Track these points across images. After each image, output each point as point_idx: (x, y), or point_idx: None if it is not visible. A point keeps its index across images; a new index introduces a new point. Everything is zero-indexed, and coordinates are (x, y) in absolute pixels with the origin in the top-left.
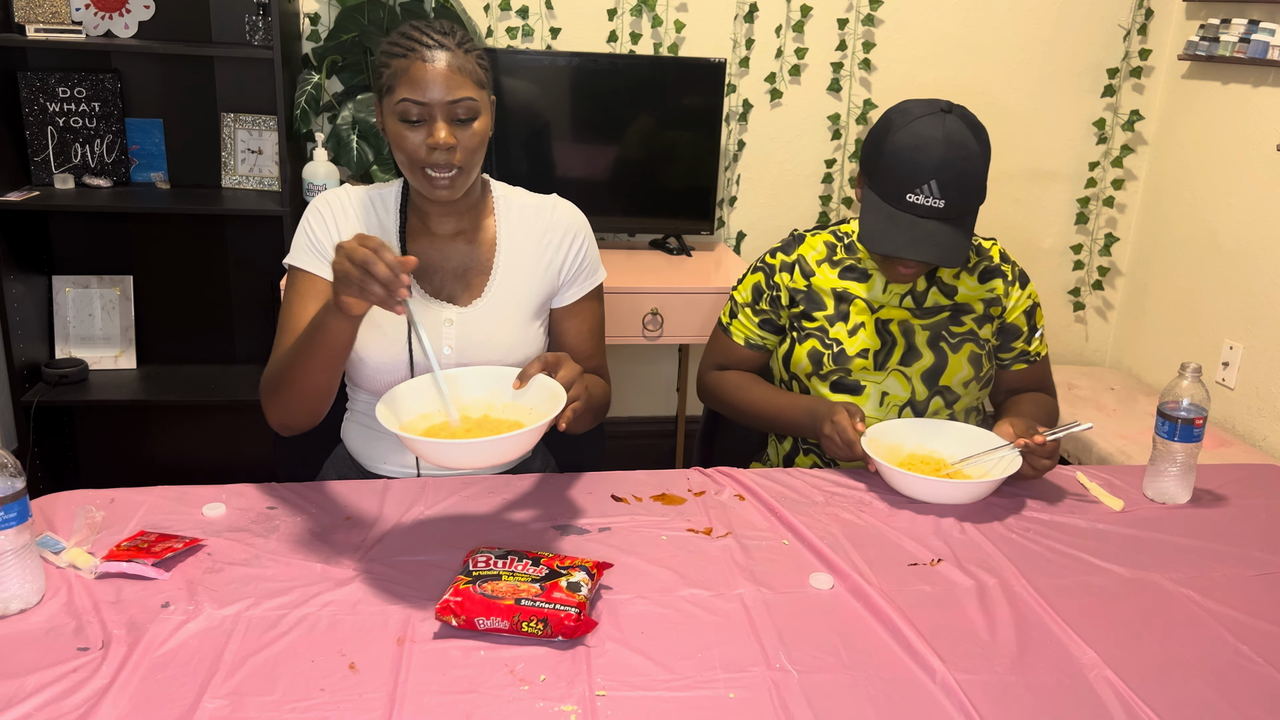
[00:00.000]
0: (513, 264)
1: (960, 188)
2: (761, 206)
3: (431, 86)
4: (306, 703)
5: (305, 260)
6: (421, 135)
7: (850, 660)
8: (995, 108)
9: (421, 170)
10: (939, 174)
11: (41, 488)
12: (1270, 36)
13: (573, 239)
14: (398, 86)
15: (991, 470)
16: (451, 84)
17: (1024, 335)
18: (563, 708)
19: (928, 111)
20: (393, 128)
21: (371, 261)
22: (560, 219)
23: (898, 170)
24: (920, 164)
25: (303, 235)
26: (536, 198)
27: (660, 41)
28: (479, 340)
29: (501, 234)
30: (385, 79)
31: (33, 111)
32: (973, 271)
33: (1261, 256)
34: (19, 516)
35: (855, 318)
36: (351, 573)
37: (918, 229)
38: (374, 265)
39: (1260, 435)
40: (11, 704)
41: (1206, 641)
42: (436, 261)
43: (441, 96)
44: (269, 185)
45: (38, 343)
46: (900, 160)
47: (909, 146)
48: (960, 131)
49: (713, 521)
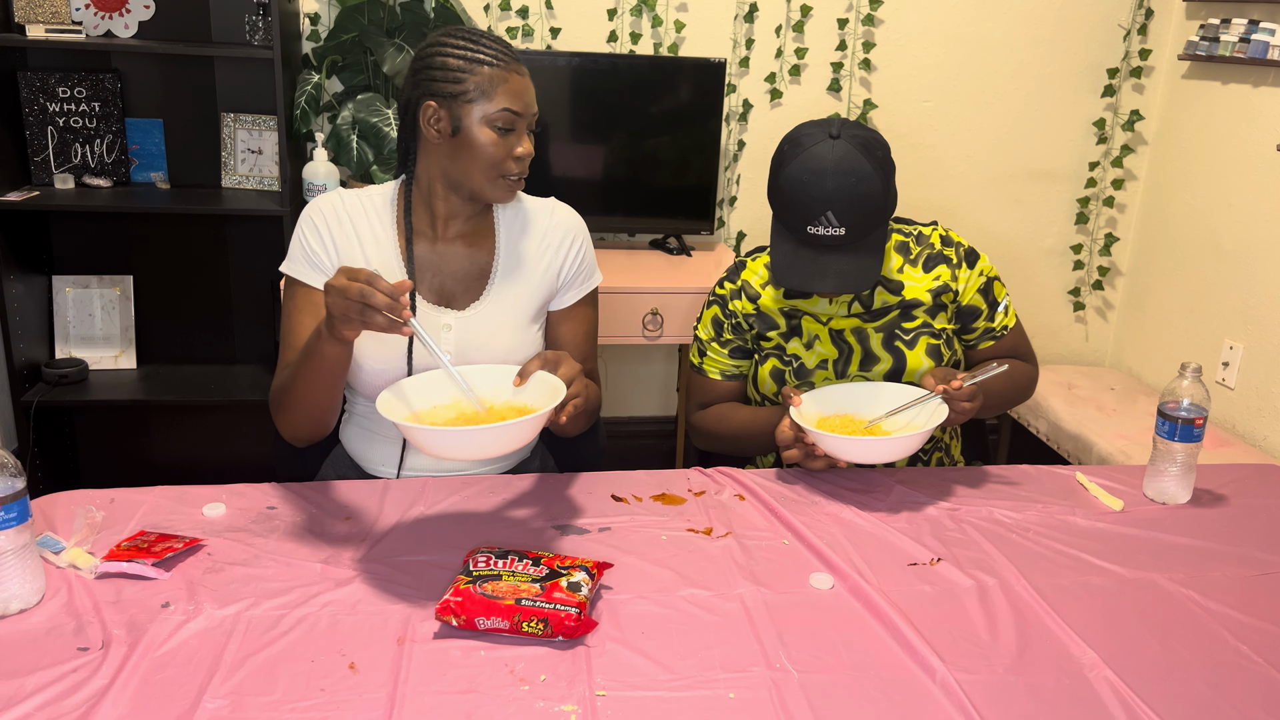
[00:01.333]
0: (512, 268)
1: (857, 212)
2: (761, 206)
3: (528, 100)
4: (306, 703)
5: (300, 271)
6: (510, 144)
7: (850, 660)
8: (995, 108)
9: (500, 176)
10: (832, 203)
11: (41, 488)
12: (1270, 36)
13: (571, 242)
14: (496, 95)
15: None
16: (535, 98)
17: (984, 313)
18: (563, 708)
19: (817, 140)
20: (479, 133)
21: (368, 294)
22: (559, 222)
23: (794, 204)
24: (813, 197)
25: (297, 245)
26: (536, 201)
27: (660, 41)
28: (477, 345)
29: (501, 238)
30: (471, 85)
31: (33, 111)
32: (915, 262)
33: (1261, 256)
34: (19, 516)
35: (809, 331)
36: (351, 573)
37: (820, 262)
38: (371, 297)
39: (1260, 435)
40: (11, 704)
41: (1206, 641)
42: (436, 265)
43: (532, 110)
44: (269, 185)
45: (38, 343)
46: (796, 194)
47: (800, 180)
48: (849, 156)
49: (713, 521)
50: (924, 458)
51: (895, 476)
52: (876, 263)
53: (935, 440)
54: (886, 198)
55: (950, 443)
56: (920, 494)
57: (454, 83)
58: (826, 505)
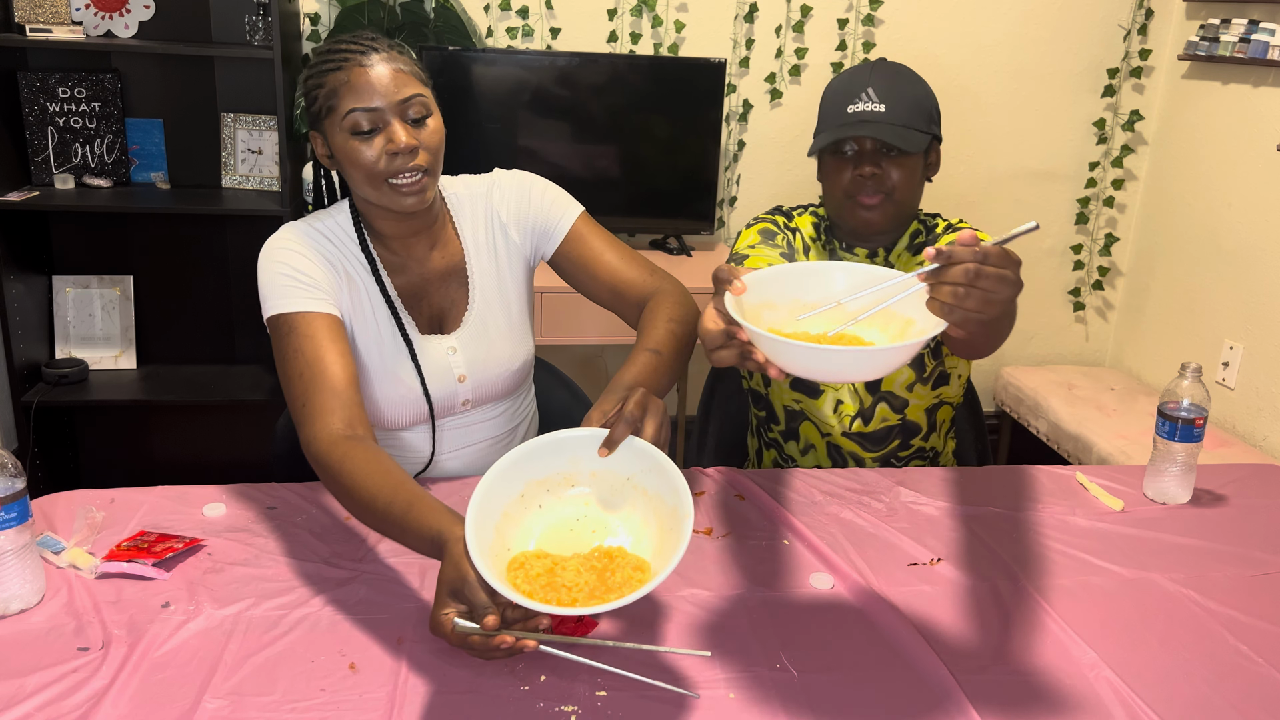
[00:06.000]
0: (482, 264)
1: (899, 94)
2: (761, 207)
3: (378, 89)
4: (306, 703)
5: (301, 302)
6: (379, 144)
7: (850, 660)
8: (995, 108)
9: (385, 182)
10: (873, 81)
11: (41, 488)
12: (1270, 36)
13: (519, 195)
14: (340, 100)
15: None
16: (398, 82)
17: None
18: (563, 708)
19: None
20: (344, 146)
21: (490, 650)
22: (503, 194)
23: (834, 96)
24: (854, 78)
25: (284, 280)
26: (479, 179)
27: (660, 41)
28: (483, 356)
29: (464, 233)
30: (322, 100)
31: (33, 111)
32: (915, 251)
33: (1261, 256)
34: (19, 516)
35: None
36: (351, 573)
37: (863, 127)
38: (494, 654)
39: (1260, 435)
40: (11, 704)
41: (1206, 641)
42: (422, 290)
43: (391, 97)
44: (269, 185)
45: (38, 343)
46: (835, 88)
47: (842, 77)
48: (890, 63)
49: (713, 521)
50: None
51: (895, 477)
52: (920, 138)
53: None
54: (929, 107)
55: (947, 442)
56: (920, 494)
57: (311, 103)
58: (826, 505)
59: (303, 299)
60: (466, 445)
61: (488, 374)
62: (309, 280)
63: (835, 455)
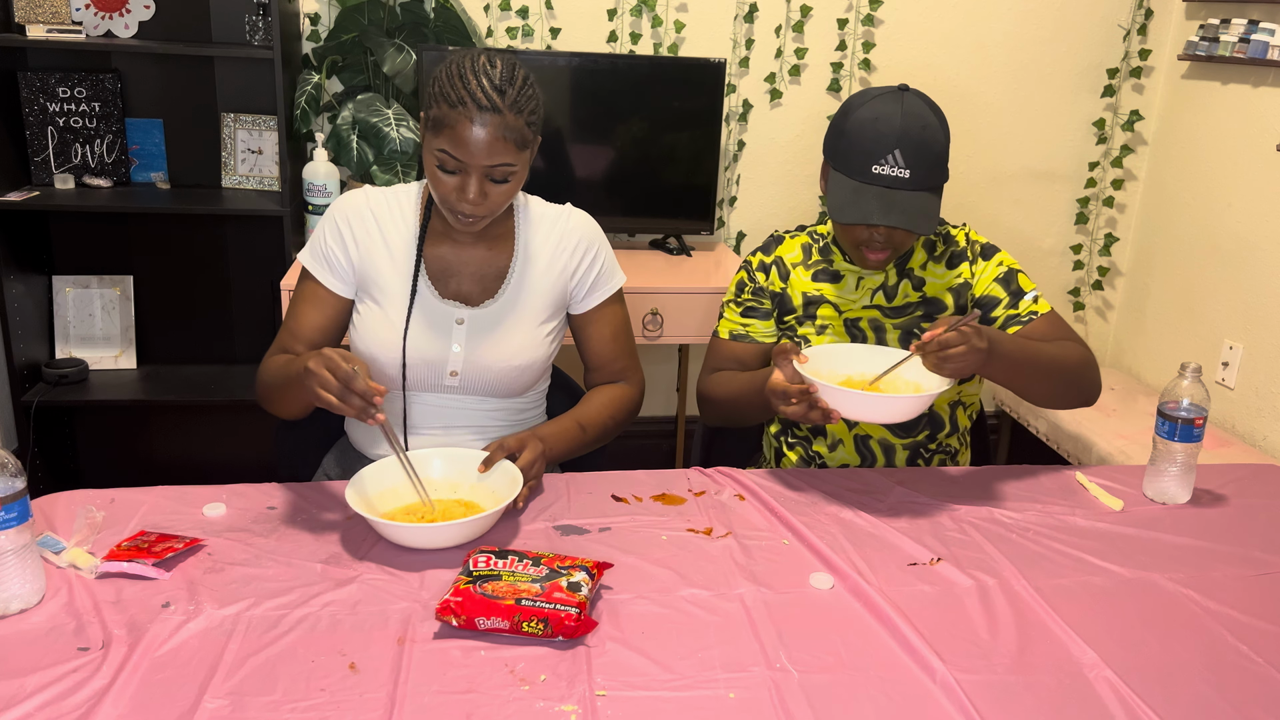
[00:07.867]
0: (528, 270)
1: (923, 158)
2: (761, 206)
3: (473, 151)
4: (306, 703)
5: (314, 265)
6: (455, 183)
7: (850, 660)
8: (995, 108)
9: (448, 209)
10: (901, 143)
11: (41, 488)
12: (1270, 36)
13: (586, 248)
14: (440, 134)
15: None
16: (493, 150)
17: (1004, 301)
18: (563, 708)
19: (885, 92)
20: (429, 159)
21: (351, 378)
22: (574, 228)
23: (860, 144)
24: (882, 134)
25: (318, 240)
26: (553, 207)
27: (660, 41)
28: (488, 341)
29: (520, 241)
30: (432, 114)
31: (33, 111)
32: (940, 259)
33: (1261, 256)
34: (19, 516)
35: (824, 316)
36: (351, 573)
37: (886, 198)
38: (354, 381)
39: (1260, 435)
40: (11, 704)
41: (1206, 641)
42: (454, 264)
43: (480, 161)
44: (269, 185)
45: (38, 343)
46: (863, 134)
47: (869, 120)
48: (918, 106)
49: (713, 521)
50: (925, 456)
51: (895, 477)
52: (937, 212)
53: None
54: (946, 158)
55: (960, 449)
56: (920, 494)
57: (427, 102)
58: (826, 505)
59: (320, 270)
60: (448, 425)
61: (485, 357)
62: (333, 258)
63: (862, 448)
